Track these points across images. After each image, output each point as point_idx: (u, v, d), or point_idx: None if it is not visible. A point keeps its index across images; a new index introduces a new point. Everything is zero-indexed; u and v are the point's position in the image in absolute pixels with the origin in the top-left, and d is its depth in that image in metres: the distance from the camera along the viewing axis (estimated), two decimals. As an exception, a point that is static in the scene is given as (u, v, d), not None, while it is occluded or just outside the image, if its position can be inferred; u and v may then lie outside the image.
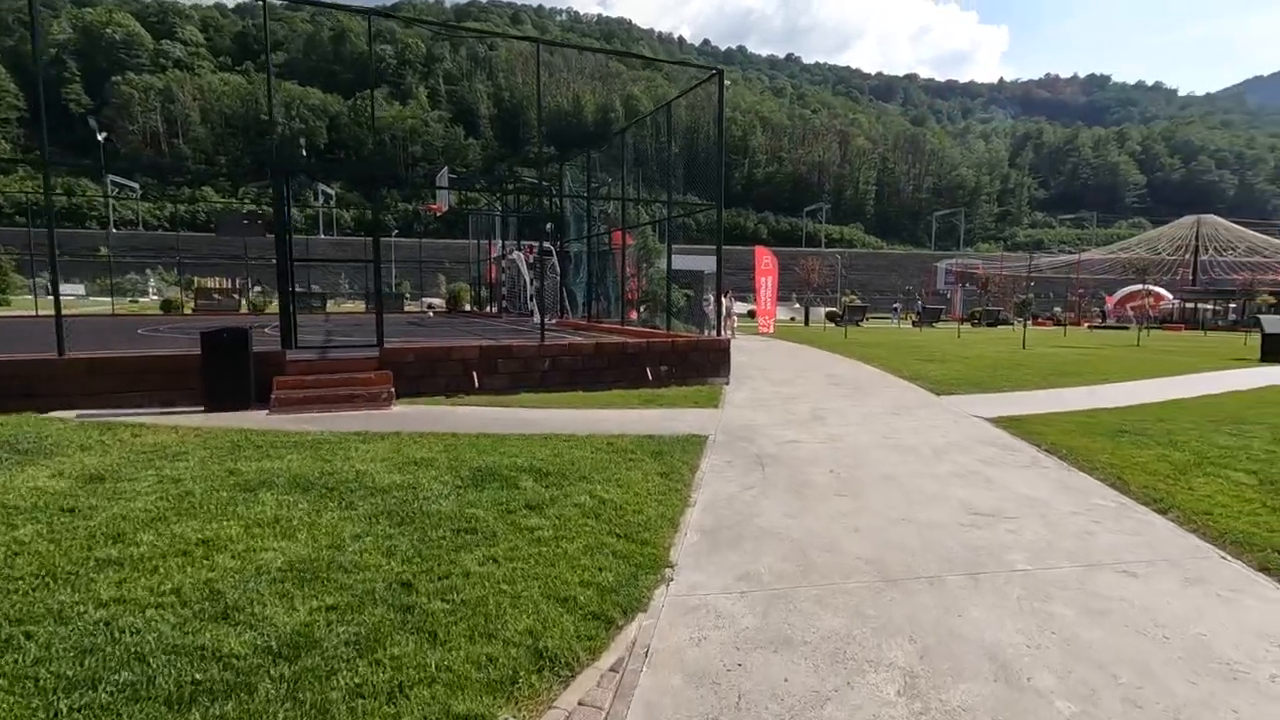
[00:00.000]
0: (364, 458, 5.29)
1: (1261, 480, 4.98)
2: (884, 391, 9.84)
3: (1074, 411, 8.10)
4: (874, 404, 8.69)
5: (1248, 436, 6.52)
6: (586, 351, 9.36)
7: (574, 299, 16.78)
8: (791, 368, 12.92)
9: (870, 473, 5.38)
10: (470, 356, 8.66)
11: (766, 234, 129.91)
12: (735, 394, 9.41)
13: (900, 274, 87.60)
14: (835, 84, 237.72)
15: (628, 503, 4.40)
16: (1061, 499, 4.71)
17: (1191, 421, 7.37)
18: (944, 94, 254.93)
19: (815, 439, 6.60)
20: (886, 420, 7.61)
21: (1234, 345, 23.10)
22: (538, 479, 4.83)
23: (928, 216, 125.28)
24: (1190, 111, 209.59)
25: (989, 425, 7.32)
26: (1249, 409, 8.37)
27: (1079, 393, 9.89)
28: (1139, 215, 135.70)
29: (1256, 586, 3.34)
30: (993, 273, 52.54)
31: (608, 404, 8.25)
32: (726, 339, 10.27)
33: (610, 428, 6.83)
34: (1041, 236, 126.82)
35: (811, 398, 9.15)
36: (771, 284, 24.61)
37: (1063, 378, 11.57)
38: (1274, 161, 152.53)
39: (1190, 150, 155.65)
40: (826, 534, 4.03)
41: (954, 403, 8.87)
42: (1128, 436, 6.49)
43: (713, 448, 6.17)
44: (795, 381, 10.85)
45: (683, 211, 11.87)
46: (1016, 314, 47.45)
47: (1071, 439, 6.44)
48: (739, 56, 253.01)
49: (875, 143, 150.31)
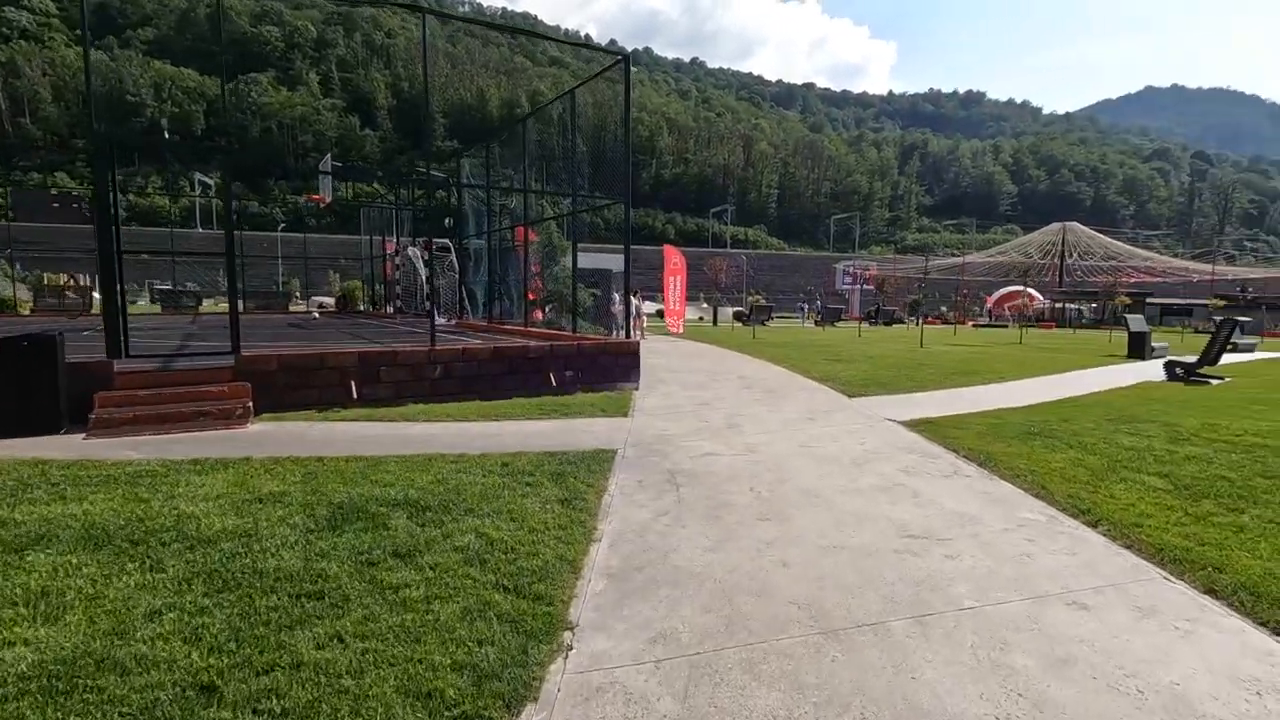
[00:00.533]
0: (194, 495, 4.30)
1: (1174, 485, 4.90)
2: (797, 395, 9.58)
3: (982, 412, 8.08)
4: (789, 409, 8.37)
5: (1146, 436, 6.60)
6: (483, 356, 8.51)
7: (474, 299, 15.75)
8: (703, 370, 12.55)
9: (793, 489, 4.93)
10: (348, 364, 7.63)
11: (674, 234, 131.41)
12: (646, 400, 8.85)
13: (802, 274, 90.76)
14: (739, 89, 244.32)
15: (521, 542, 3.70)
16: (991, 514, 4.42)
17: (1091, 421, 7.46)
18: (839, 103, 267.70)
19: (732, 450, 6.12)
20: (803, 427, 7.27)
21: (1101, 342, 25.01)
22: (413, 515, 4.04)
23: (826, 220, 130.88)
24: (1053, 129, 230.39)
25: (904, 430, 7.12)
26: (1136, 406, 8.66)
27: (981, 392, 10.02)
28: (1012, 222, 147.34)
29: (1209, 614, 3.07)
30: (887, 274, 55.16)
31: (506, 415, 7.47)
32: (636, 341, 9.71)
33: (507, 444, 6.08)
34: (928, 240, 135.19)
35: (726, 403, 8.73)
36: (680, 284, 24.37)
37: (963, 376, 11.80)
38: (1122, 176, 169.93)
39: (1054, 164, 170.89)
40: (753, 571, 3.49)
41: (866, 405, 8.70)
42: (1039, 439, 6.42)
43: (622, 465, 5.55)
44: (708, 385, 10.44)
45: (588, 206, 11.23)
46: (909, 313, 50.06)
47: (986, 443, 6.29)
48: (645, 57, 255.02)
49: (777, 147, 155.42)
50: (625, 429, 6.96)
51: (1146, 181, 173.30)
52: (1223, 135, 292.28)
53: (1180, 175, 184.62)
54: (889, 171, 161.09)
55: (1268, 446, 6.16)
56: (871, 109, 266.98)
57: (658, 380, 10.76)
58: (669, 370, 12.25)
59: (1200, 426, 7.11)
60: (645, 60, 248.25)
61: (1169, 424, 7.29)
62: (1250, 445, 6.20)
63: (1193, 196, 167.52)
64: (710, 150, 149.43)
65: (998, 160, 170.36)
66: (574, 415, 7.61)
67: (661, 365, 13.06)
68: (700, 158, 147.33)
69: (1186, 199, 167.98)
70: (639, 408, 8.25)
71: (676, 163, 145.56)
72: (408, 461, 5.27)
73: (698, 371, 12.20)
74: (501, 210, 15.60)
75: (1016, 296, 58.79)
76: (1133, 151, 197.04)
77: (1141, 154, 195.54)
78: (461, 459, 5.40)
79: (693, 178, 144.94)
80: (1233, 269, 69.29)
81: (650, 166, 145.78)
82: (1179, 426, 7.11)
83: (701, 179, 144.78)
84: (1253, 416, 7.84)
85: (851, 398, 9.30)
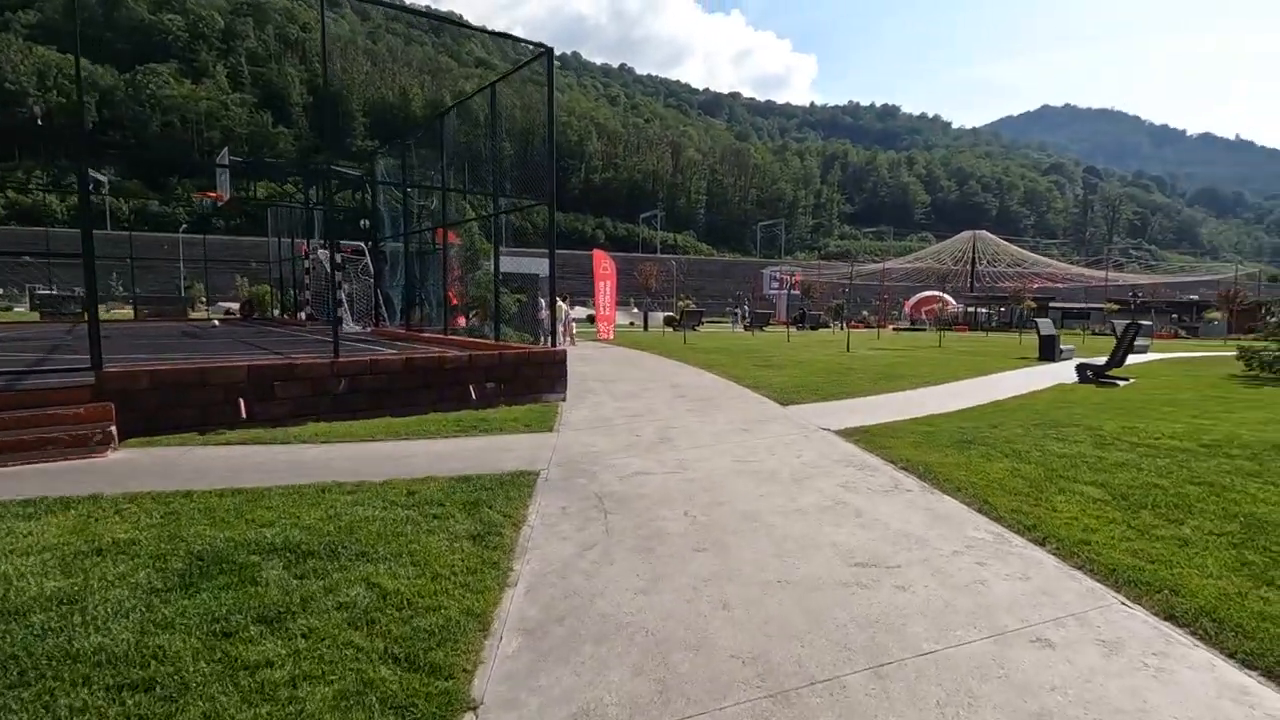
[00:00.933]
0: (13, 548, 3.51)
1: (1111, 494, 4.81)
2: (731, 403, 9.30)
3: (914, 419, 8.00)
4: (723, 419, 8.05)
5: (1074, 442, 6.61)
6: (394, 368, 7.80)
7: (391, 305, 14.82)
8: (634, 378, 12.14)
9: (731, 512, 4.56)
10: (236, 379, 6.78)
11: (605, 238, 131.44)
12: (574, 413, 8.35)
13: (732, 280, 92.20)
14: (667, 97, 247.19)
15: (421, 593, 3.15)
16: (938, 534, 4.17)
17: (1020, 426, 7.48)
18: (764, 113, 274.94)
19: (665, 468, 5.71)
20: (738, 438, 6.94)
21: (1012, 345, 26.20)
22: (292, 563, 3.41)
23: (753, 226, 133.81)
24: (961, 142, 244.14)
25: (840, 440, 6.90)
26: (1057, 410, 8.81)
27: (910, 396, 10.03)
28: (926, 230, 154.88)
29: (1175, 646, 2.85)
30: (813, 280, 56.59)
31: (418, 433, 6.81)
32: (562, 349, 9.19)
33: (417, 467, 5.46)
34: (850, 246, 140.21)
35: (658, 414, 8.33)
36: (611, 288, 23.97)
37: (890, 381, 11.87)
38: (1023, 188, 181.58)
39: (963, 175, 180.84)
40: (690, 617, 3.07)
41: (800, 414, 8.49)
42: (974, 448, 6.31)
43: (545, 489, 5.04)
44: (639, 395, 10.03)
45: (510, 207, 10.63)
46: (833, 317, 51.44)
47: (923, 453, 6.13)
48: (574, 62, 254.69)
49: (705, 155, 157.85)
50: (550, 446, 6.44)
51: (1045, 193, 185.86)
52: (1110, 152, 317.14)
53: (1074, 188, 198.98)
54: (812, 180, 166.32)
55: (1187, 450, 6.26)
56: (795, 119, 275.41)
57: (587, 390, 10.28)
58: (599, 379, 11.79)
59: (1120, 430, 7.22)
60: (574, 65, 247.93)
61: (1091, 428, 7.38)
62: (1171, 449, 6.28)
63: (1086, 208, 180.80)
64: (640, 156, 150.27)
65: (912, 171, 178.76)
66: (494, 432, 7.03)
67: (591, 373, 12.58)
68: (630, 163, 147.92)
69: (1080, 210, 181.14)
70: (566, 421, 7.74)
71: (606, 168, 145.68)
72: (296, 493, 4.59)
73: (629, 380, 11.79)
74: (421, 211, 14.76)
75: (932, 301, 61.52)
76: (1032, 165, 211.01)
77: (1040, 168, 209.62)
78: (361, 488, 4.76)
79: (623, 183, 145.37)
80: (1122, 275, 74.89)
81: (580, 171, 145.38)
82: (1101, 430, 7.19)
83: (631, 184, 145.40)
84: (1165, 418, 8.07)
85: (785, 406, 9.09)
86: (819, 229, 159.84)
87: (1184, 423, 7.76)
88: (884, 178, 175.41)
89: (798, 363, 15.17)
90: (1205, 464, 5.69)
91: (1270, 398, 10.37)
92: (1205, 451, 6.18)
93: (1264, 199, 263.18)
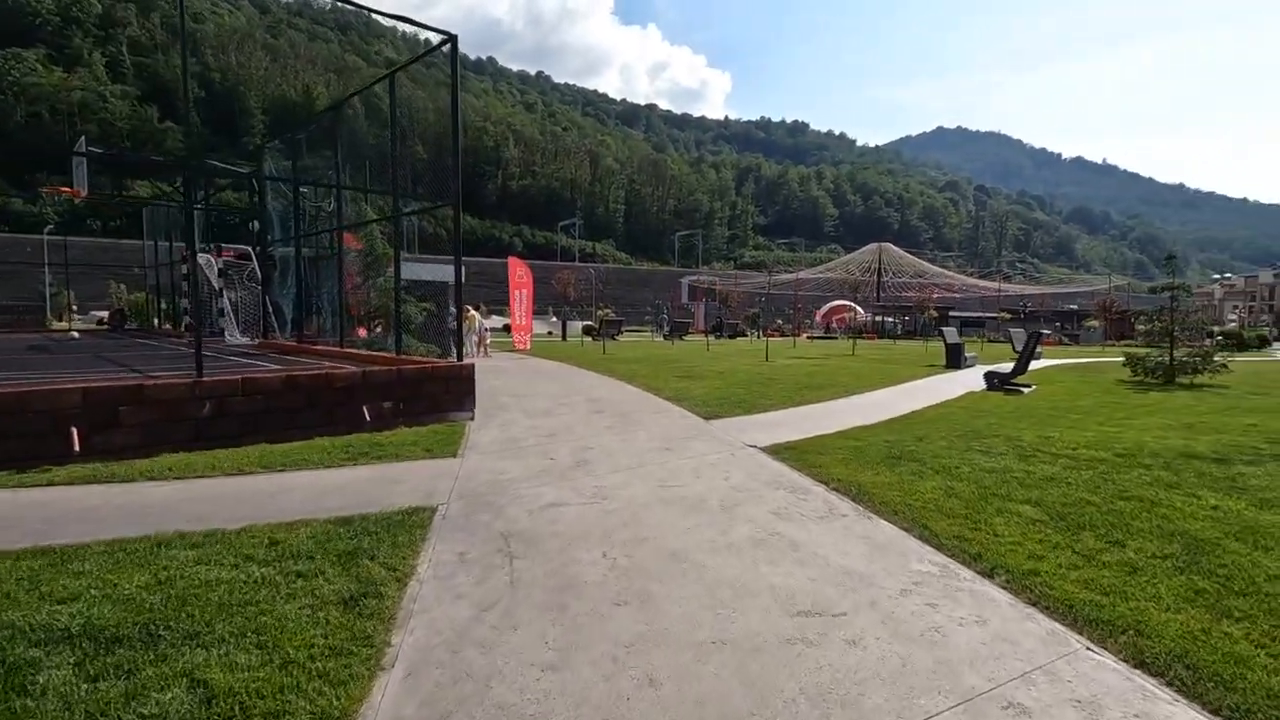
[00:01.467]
0: None
1: (1048, 514, 4.62)
2: (652, 419, 8.81)
3: (840, 433, 7.77)
4: (644, 437, 7.54)
5: (998, 455, 6.52)
6: (273, 387, 6.84)
7: (282, 315, 13.50)
8: (550, 392, 11.48)
9: (656, 551, 4.03)
10: (67, 403, 5.67)
11: (522, 246, 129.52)
12: (482, 433, 7.63)
13: (650, 288, 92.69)
14: (585, 106, 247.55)
15: (264, 691, 2.43)
16: (881, 568, 3.79)
17: (943, 438, 7.37)
18: (680, 125, 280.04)
19: (582, 497, 5.13)
20: (661, 459, 6.45)
21: (920, 352, 27.24)
22: (88, 658, 2.60)
23: (671, 235, 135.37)
24: (866, 159, 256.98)
25: (768, 458, 6.54)
26: (975, 419, 8.84)
27: (833, 408, 9.89)
28: (834, 242, 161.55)
29: (1158, 704, 2.53)
30: (731, 289, 57.48)
31: (297, 463, 5.93)
32: (469, 363, 8.43)
33: (288, 507, 4.64)
34: (764, 257, 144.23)
35: (575, 433, 7.73)
36: (527, 297, 23.15)
37: (812, 391, 11.76)
38: (922, 204, 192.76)
39: (868, 190, 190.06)
40: (610, 703, 2.50)
41: (724, 429, 8.10)
42: (904, 464, 6.08)
43: (442, 529, 4.35)
44: (555, 411, 9.38)
45: (415, 208, 9.77)
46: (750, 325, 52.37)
47: (854, 471, 5.83)
48: (490, 68, 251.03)
49: (623, 164, 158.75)
50: (452, 474, 5.72)
51: (941, 209, 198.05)
52: (997, 172, 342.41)
53: (967, 205, 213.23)
54: (727, 192, 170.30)
55: (1105, 460, 6.27)
56: (710, 132, 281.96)
57: (498, 407, 9.55)
58: (512, 394, 11.05)
59: (1038, 440, 7.23)
60: (490, 70, 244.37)
61: (1011, 438, 7.36)
62: (1090, 460, 6.27)
63: (978, 224, 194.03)
64: (558, 164, 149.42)
65: (821, 185, 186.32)
66: (389, 459, 6.23)
67: (504, 388, 11.83)
68: (548, 171, 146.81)
69: (973, 225, 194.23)
70: (472, 444, 7.01)
71: (524, 175, 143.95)
72: (121, 551, 3.70)
73: (544, 395, 11.11)
74: (318, 213, 13.55)
75: (842, 310, 63.83)
76: (930, 183, 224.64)
77: (937, 185, 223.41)
78: (210, 539, 3.92)
79: (541, 190, 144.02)
80: (1011, 286, 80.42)
81: (497, 178, 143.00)
82: (1021, 441, 7.18)
83: (550, 192, 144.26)
84: (1075, 427, 8.21)
85: (708, 420, 8.70)
86: (734, 239, 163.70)
87: (1093, 431, 7.90)
88: (795, 191, 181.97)
89: (719, 373, 14.93)
90: (1126, 476, 5.66)
91: (1159, 402, 10.91)
92: (1122, 462, 6.20)
93: (1127, 218, 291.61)
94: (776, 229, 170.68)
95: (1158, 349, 14.96)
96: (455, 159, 7.84)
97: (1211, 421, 8.76)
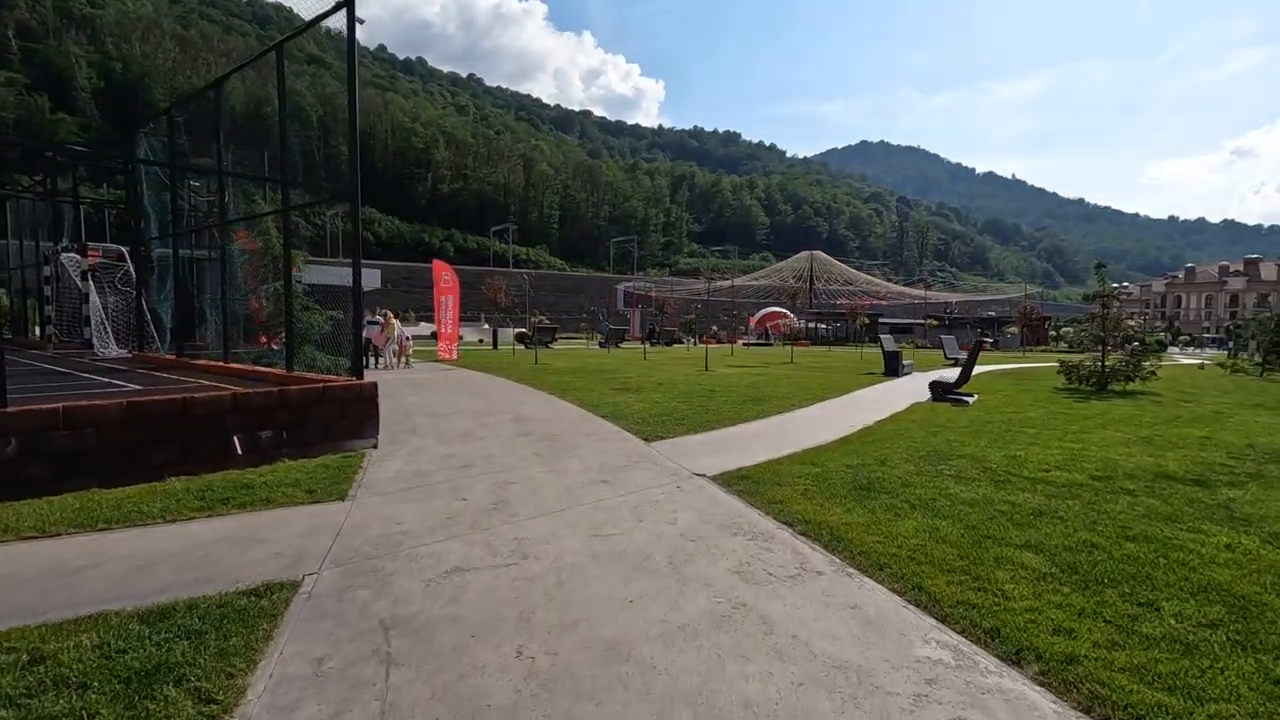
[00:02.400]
0: None
1: (1055, 564, 3.90)
2: (586, 443, 7.82)
3: (795, 456, 6.99)
4: (576, 467, 6.54)
5: (971, 481, 5.86)
6: (109, 417, 5.46)
7: (160, 323, 11.77)
8: (472, 410, 10.30)
9: (588, 641, 3.04)
10: None
11: (454, 251, 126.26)
12: (383, 466, 6.44)
13: (585, 295, 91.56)
14: (518, 110, 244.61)
15: None
16: (880, 658, 2.93)
17: (907, 461, 6.69)
18: (615, 133, 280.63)
19: (496, 557, 4.09)
20: (596, 496, 5.46)
21: (855, 360, 27.26)
22: None
23: (607, 242, 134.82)
24: (795, 170, 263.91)
25: (720, 490, 5.66)
26: (931, 435, 8.27)
27: (783, 424, 9.15)
28: (767, 250, 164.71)
29: None
30: (667, 295, 57.03)
31: (133, 517, 4.63)
32: (371, 382, 7.18)
33: (91, 589, 3.42)
34: (698, 264, 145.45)
35: (496, 463, 6.64)
36: (453, 303, 21.71)
37: (758, 404, 11.04)
38: (849, 214, 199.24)
39: (798, 200, 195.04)
40: None
41: (668, 453, 7.20)
42: (874, 498, 5.31)
43: (300, 618, 3.23)
44: (475, 433, 8.25)
45: (304, 201, 8.42)
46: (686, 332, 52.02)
47: (821, 508, 5.02)
48: (419, 68, 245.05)
49: (557, 170, 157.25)
50: (333, 528, 4.56)
51: (867, 219, 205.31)
52: (918, 184, 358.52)
53: (890, 215, 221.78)
54: (662, 199, 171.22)
55: (1084, 485, 5.70)
56: (645, 140, 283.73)
57: (410, 430, 8.33)
58: (429, 412, 9.82)
59: (1006, 461, 6.65)
60: (419, 71, 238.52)
61: (977, 459, 6.76)
62: (1068, 485, 5.69)
63: (902, 234, 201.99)
64: (490, 167, 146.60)
65: (753, 195, 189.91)
66: (256, 506, 4.99)
67: (421, 405, 10.58)
68: (480, 174, 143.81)
69: (897, 235, 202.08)
70: (369, 482, 5.83)
71: (455, 178, 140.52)
72: None
73: (465, 413, 9.93)
74: (209, 209, 11.92)
75: (776, 317, 64.49)
76: (856, 194, 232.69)
77: (862, 196, 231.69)
78: (-63, 658, 2.69)
79: (473, 194, 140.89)
80: (934, 293, 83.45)
81: (427, 180, 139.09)
82: (989, 463, 6.58)
83: (482, 196, 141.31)
84: (1036, 443, 7.72)
85: (649, 442, 7.77)
86: (670, 246, 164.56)
87: (1056, 448, 7.42)
88: (728, 199, 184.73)
89: (657, 384, 14.08)
90: (1116, 506, 5.07)
91: (1103, 412, 10.71)
92: (1102, 487, 5.65)
93: (1035, 230, 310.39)
94: (710, 236, 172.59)
95: (1090, 356, 15.05)
96: (353, 130, 6.63)
97: (1166, 434, 8.48)
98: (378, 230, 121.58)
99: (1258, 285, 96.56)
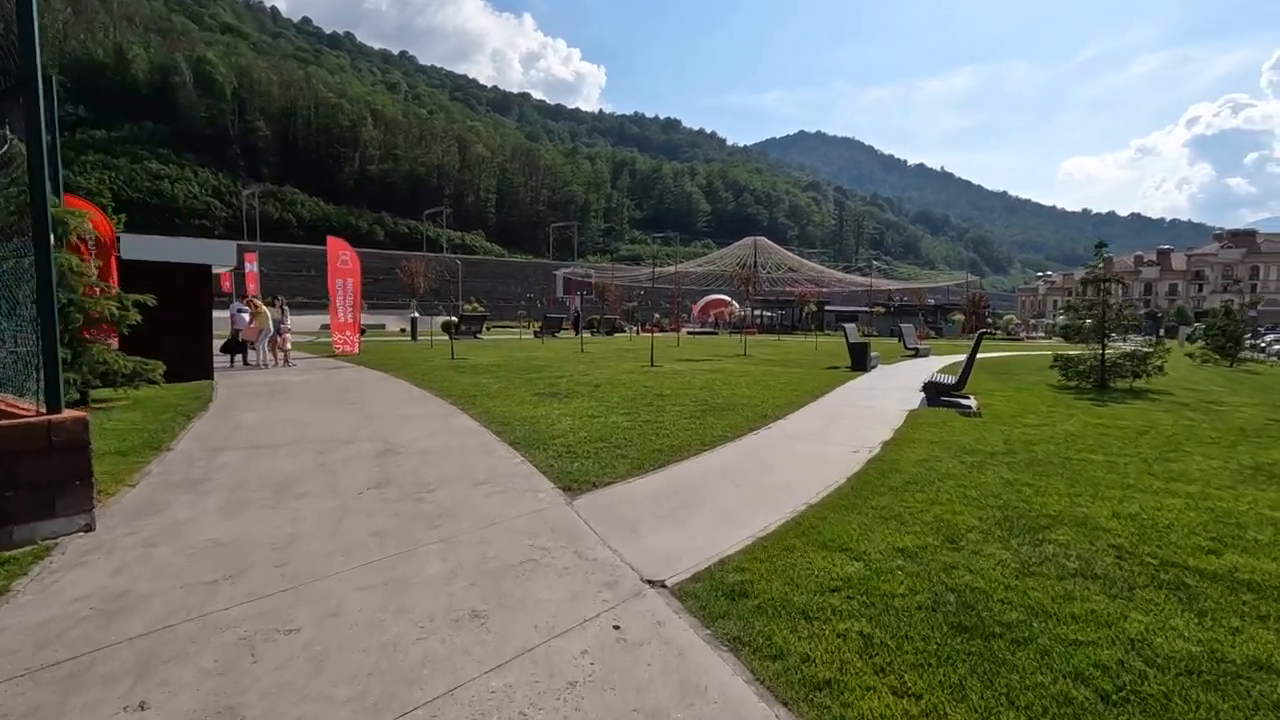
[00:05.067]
0: None
1: None
2: (470, 503, 4.99)
3: (803, 523, 4.39)
4: (436, 569, 3.72)
5: (1121, 589, 3.39)
6: None
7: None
8: (327, 434, 7.29)
9: None
10: None
11: (384, 235, 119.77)
12: (50, 592, 3.48)
13: (523, 281, 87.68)
14: (454, 90, 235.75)
15: None
16: None
17: (987, 537, 4.19)
18: (555, 116, 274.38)
19: None
20: (445, 672, 2.69)
21: (810, 350, 25.22)
22: None
23: (546, 228, 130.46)
24: (736, 158, 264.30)
25: (695, 636, 2.98)
26: (978, 474, 5.83)
27: (762, 459, 6.56)
28: (708, 237, 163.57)
29: None
30: (608, 282, 54.17)
31: None
32: (75, 417, 4.10)
33: None
34: (640, 251, 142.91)
35: (290, 564, 3.76)
36: (353, 287, 18.31)
37: (718, 415, 8.46)
38: (788, 202, 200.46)
39: (738, 188, 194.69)
40: None
41: (600, 522, 4.49)
42: (994, 651, 2.75)
43: None
44: (302, 484, 5.29)
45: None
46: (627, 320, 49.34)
47: (879, 684, 2.41)
48: (347, 44, 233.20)
49: (494, 152, 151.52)
50: None
51: (806, 208, 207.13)
52: (853, 175, 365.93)
53: (828, 204, 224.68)
54: (603, 185, 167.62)
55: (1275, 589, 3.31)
56: (585, 125, 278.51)
57: (196, 480, 5.31)
58: (255, 443, 6.76)
59: (1130, 530, 4.24)
60: (348, 47, 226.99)
61: (1081, 523, 4.32)
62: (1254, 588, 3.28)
63: (840, 222, 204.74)
64: (423, 148, 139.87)
65: (694, 182, 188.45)
66: None
67: (254, 427, 7.51)
68: (412, 155, 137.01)
69: (836, 224, 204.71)
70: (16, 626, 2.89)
71: (385, 158, 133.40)
72: None
73: (312, 441, 6.91)
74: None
75: (719, 304, 62.53)
76: (794, 182, 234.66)
77: (800, 185, 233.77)
78: None
79: (404, 175, 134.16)
80: (879, 281, 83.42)
81: (354, 160, 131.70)
82: (1104, 530, 4.15)
83: (414, 178, 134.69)
84: (1132, 484, 5.38)
85: (572, 497, 5.04)
86: (611, 233, 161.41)
87: (1165, 493, 5.07)
88: (669, 186, 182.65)
89: (593, 387, 11.34)
90: None
91: (1148, 422, 8.61)
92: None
93: (963, 221, 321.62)
94: (652, 223, 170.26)
95: (1090, 350, 13.16)
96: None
97: (1263, 458, 6.32)
98: (300, 212, 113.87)
99: (1169, 275, 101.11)
